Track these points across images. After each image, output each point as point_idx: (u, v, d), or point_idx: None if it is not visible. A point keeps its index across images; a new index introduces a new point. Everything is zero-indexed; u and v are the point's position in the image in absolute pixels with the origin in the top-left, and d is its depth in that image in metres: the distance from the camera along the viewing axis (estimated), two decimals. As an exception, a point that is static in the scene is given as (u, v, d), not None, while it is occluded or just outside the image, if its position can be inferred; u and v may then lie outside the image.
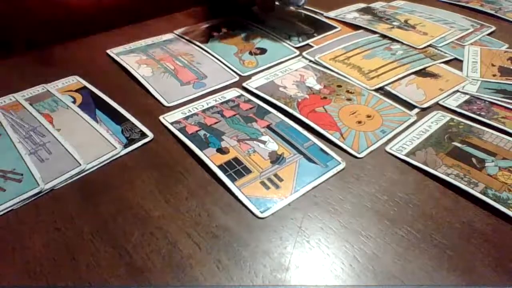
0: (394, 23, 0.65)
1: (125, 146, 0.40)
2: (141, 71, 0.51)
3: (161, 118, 0.44)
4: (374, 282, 0.29)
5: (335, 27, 0.64)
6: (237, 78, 0.51)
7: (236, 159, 0.39)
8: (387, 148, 0.41)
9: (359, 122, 0.44)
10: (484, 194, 0.35)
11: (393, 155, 0.40)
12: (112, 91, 0.47)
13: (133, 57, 0.54)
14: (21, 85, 0.48)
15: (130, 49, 0.56)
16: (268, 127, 0.43)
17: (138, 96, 0.48)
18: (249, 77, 0.51)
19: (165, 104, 0.46)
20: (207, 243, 0.32)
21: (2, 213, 0.33)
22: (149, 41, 0.58)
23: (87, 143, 0.40)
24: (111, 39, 0.59)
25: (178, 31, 0.61)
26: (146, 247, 0.31)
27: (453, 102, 0.48)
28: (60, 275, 0.29)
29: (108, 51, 0.56)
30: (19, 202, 0.34)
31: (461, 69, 0.54)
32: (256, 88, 0.49)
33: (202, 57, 0.55)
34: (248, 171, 0.37)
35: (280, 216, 0.34)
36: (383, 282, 0.29)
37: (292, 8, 0.67)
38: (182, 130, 0.42)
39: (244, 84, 0.50)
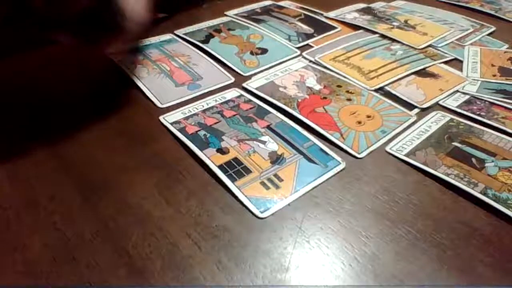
0: (394, 23, 0.65)
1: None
2: (136, 72, 0.51)
3: (161, 118, 0.44)
4: (374, 282, 0.29)
5: (335, 27, 0.64)
6: (233, 79, 0.51)
7: (236, 159, 0.39)
8: (387, 148, 0.41)
9: (359, 122, 0.44)
10: (484, 194, 0.35)
11: (393, 155, 0.40)
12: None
13: (130, 57, 0.54)
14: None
15: (126, 49, 0.56)
16: (268, 127, 0.43)
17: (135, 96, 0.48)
18: (249, 77, 0.51)
19: (159, 105, 0.46)
20: (207, 243, 0.32)
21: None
22: (146, 41, 0.58)
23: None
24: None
25: (177, 31, 0.61)
26: (146, 247, 0.31)
27: (453, 102, 0.48)
28: (60, 275, 0.29)
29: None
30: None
31: (461, 69, 0.54)
32: (256, 89, 0.49)
33: (198, 58, 0.55)
34: (248, 171, 0.37)
35: (280, 216, 0.34)
36: (383, 282, 0.29)
37: None
38: (182, 130, 0.42)
39: (244, 84, 0.50)
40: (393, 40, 0.60)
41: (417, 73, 0.53)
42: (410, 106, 0.47)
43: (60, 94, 0.48)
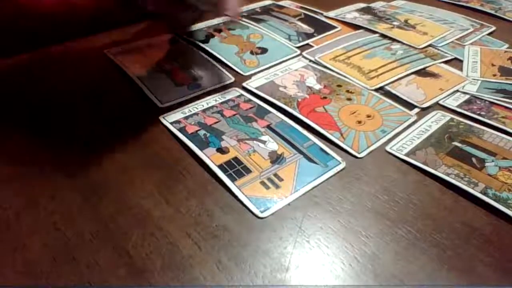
0: (394, 23, 0.65)
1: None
2: (137, 71, 0.51)
3: (161, 118, 0.44)
4: (374, 282, 0.29)
5: (335, 27, 0.64)
6: (233, 79, 0.51)
7: (236, 159, 0.38)
8: (387, 148, 0.41)
9: (359, 122, 0.44)
10: (484, 194, 0.35)
11: (393, 155, 0.40)
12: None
13: (130, 57, 0.54)
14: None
15: (127, 49, 0.56)
16: (268, 126, 0.43)
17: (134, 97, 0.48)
18: (249, 76, 0.51)
19: (159, 105, 0.46)
20: (207, 243, 0.32)
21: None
22: (148, 41, 0.58)
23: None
24: (110, 38, 0.59)
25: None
26: (146, 247, 0.31)
27: (453, 102, 0.48)
28: (60, 275, 0.29)
29: (105, 51, 0.56)
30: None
31: (461, 69, 0.54)
32: (256, 88, 0.49)
33: (199, 58, 0.55)
34: (248, 170, 0.37)
35: (280, 216, 0.34)
36: (383, 282, 0.29)
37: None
38: (182, 130, 0.42)
39: (244, 84, 0.50)
40: (393, 40, 0.60)
41: (417, 72, 0.53)
42: (410, 106, 0.47)
43: (60, 94, 0.48)
